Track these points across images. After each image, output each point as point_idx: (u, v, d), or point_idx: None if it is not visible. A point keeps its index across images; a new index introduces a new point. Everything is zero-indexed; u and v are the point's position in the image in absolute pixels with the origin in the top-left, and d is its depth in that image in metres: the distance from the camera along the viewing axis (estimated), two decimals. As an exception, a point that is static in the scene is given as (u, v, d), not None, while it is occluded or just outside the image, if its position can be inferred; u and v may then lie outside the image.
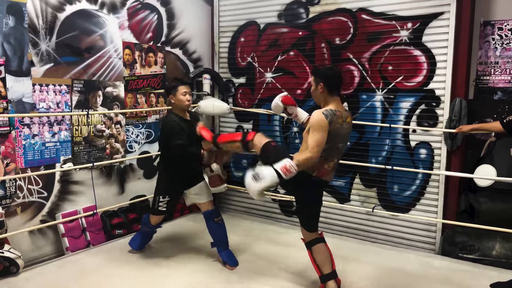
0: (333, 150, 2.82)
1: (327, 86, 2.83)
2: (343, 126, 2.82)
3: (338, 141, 2.82)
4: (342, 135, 2.84)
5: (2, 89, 3.39)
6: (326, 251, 3.07)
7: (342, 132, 2.81)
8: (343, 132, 2.83)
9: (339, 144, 2.85)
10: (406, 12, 4.00)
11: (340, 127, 2.78)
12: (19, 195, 3.58)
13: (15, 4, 3.43)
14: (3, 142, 3.44)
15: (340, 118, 2.78)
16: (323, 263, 3.02)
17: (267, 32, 4.84)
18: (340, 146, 2.88)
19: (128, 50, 4.38)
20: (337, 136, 2.78)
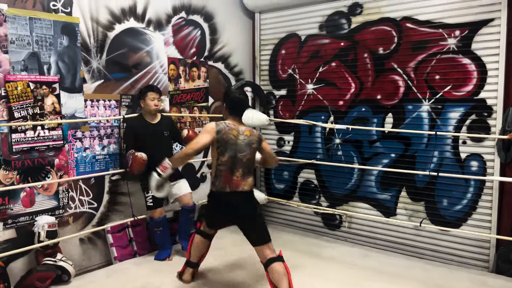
0: (234, 160, 3.11)
1: (228, 107, 3.26)
2: (239, 138, 3.13)
3: (235, 151, 3.11)
4: (239, 146, 3.12)
5: (57, 105, 3.59)
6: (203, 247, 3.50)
7: (235, 142, 3.11)
8: (239, 143, 3.12)
9: (238, 154, 3.11)
10: (453, 19, 3.87)
11: (234, 138, 3.11)
12: (71, 206, 3.75)
13: (69, 25, 3.63)
14: (58, 155, 3.63)
15: (234, 131, 3.12)
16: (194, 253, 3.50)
17: (308, 43, 4.84)
18: (240, 156, 3.12)
19: (173, 65, 4.51)
20: (231, 146, 3.10)
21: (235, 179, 3.12)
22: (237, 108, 3.25)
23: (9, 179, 3.34)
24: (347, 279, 3.67)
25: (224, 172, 3.11)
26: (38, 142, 3.49)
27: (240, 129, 3.17)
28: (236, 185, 3.12)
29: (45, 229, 3.41)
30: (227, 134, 3.10)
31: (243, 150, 3.13)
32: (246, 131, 3.19)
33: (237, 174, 3.12)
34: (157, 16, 4.32)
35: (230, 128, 3.13)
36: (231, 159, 3.11)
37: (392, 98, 4.27)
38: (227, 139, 3.10)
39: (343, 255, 4.22)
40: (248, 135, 3.17)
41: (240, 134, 3.15)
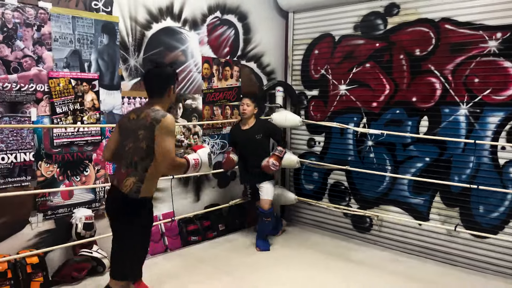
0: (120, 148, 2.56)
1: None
2: (130, 121, 2.52)
3: (123, 137, 2.55)
4: (126, 131, 2.53)
5: (96, 101, 3.70)
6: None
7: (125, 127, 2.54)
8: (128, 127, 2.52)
9: (124, 141, 2.53)
10: (495, 21, 3.75)
11: (126, 122, 2.55)
12: (106, 200, 3.86)
13: (109, 24, 3.74)
14: (95, 150, 3.74)
15: (132, 114, 2.54)
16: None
17: (342, 44, 4.79)
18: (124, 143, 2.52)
19: (207, 64, 4.57)
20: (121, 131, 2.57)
21: (121, 172, 2.50)
22: (144, 82, 2.59)
23: (50, 172, 3.47)
24: (376, 283, 3.62)
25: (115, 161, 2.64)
26: (77, 137, 3.61)
27: (142, 110, 2.50)
28: (119, 180, 2.48)
29: (82, 221, 3.53)
30: (123, 118, 2.61)
31: (127, 136, 2.49)
32: (144, 113, 2.46)
33: (122, 167, 2.51)
34: (193, 15, 4.39)
35: (131, 111, 2.59)
36: (118, 147, 2.57)
37: (428, 100, 4.18)
38: (120, 124, 2.59)
39: (373, 259, 4.17)
40: (141, 117, 2.46)
41: (135, 118, 2.49)
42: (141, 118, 2.43)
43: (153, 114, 2.41)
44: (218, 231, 4.65)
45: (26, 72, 3.28)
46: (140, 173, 2.42)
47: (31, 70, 3.31)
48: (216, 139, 4.77)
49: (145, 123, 2.40)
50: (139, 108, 2.58)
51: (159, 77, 2.52)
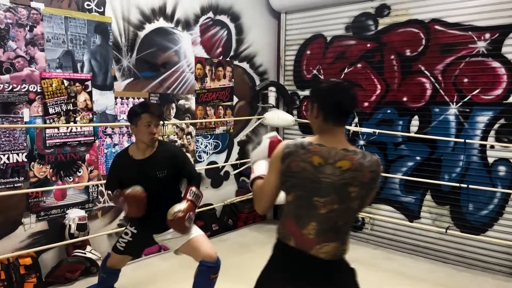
0: (304, 204, 1.75)
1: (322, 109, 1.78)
2: (322, 170, 1.71)
3: (310, 191, 1.72)
4: (320, 185, 1.71)
5: (89, 102, 3.69)
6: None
7: (313, 178, 1.71)
8: (320, 179, 1.71)
9: (314, 198, 1.72)
10: (483, 22, 3.82)
11: (312, 170, 1.71)
12: (100, 200, 3.85)
13: (102, 24, 3.73)
14: (88, 150, 3.74)
15: (315, 157, 1.71)
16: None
17: (334, 44, 4.84)
18: (317, 201, 1.72)
19: (200, 64, 4.58)
20: (303, 182, 1.72)
21: (304, 235, 1.76)
22: (336, 110, 1.77)
23: (42, 173, 3.46)
24: (369, 281, 3.66)
25: (289, 217, 1.80)
26: (70, 137, 3.60)
27: (332, 153, 1.72)
28: (306, 244, 1.76)
29: (75, 222, 3.53)
30: (298, 162, 1.72)
31: (326, 194, 1.72)
32: (345, 160, 1.72)
33: (308, 231, 1.75)
34: (186, 16, 4.40)
35: (308, 151, 1.73)
36: (298, 201, 1.76)
37: (418, 100, 4.24)
38: (298, 171, 1.73)
39: (366, 257, 4.22)
40: (346, 167, 1.71)
41: (327, 163, 1.72)
42: (348, 168, 1.71)
43: (363, 161, 1.72)
44: (211, 231, 4.67)
45: (18, 72, 3.27)
46: (343, 236, 1.80)
47: (24, 70, 3.30)
48: (209, 139, 4.79)
49: (361, 178, 1.71)
50: (321, 148, 1.73)
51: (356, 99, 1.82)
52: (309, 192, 1.74)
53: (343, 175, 1.71)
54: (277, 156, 1.78)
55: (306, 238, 1.77)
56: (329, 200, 1.72)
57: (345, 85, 1.80)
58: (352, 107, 1.80)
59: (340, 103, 1.76)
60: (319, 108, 1.78)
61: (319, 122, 1.79)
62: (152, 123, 2.67)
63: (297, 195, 1.76)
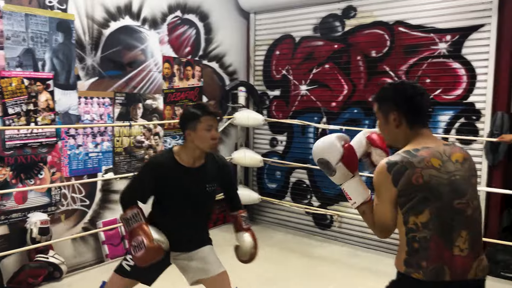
0: (446, 214, 1.53)
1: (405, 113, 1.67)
2: (446, 169, 1.56)
3: (448, 196, 1.54)
4: (454, 183, 1.55)
5: (51, 101, 3.59)
6: None
7: (445, 179, 1.55)
8: (451, 179, 1.56)
9: (455, 201, 1.54)
10: (445, 24, 3.95)
11: (437, 173, 1.55)
12: (63, 203, 3.75)
13: (64, 22, 3.63)
14: (50, 152, 3.63)
15: (434, 160, 1.56)
16: None
17: (302, 45, 4.89)
18: (459, 204, 1.54)
19: (168, 64, 4.53)
20: (435, 191, 1.53)
21: (457, 254, 1.53)
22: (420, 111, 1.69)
23: (1, 175, 3.33)
24: (337, 277, 3.73)
25: (433, 241, 1.53)
26: (31, 138, 3.49)
27: (441, 151, 1.60)
28: (462, 267, 1.54)
29: (37, 226, 3.41)
30: (420, 171, 1.54)
31: (464, 191, 1.56)
32: (456, 153, 1.62)
33: (459, 245, 1.53)
34: (153, 14, 4.34)
35: (421, 157, 1.56)
36: (438, 214, 1.53)
37: (383, 100, 4.32)
38: (426, 181, 1.53)
39: (333, 254, 4.29)
40: (461, 158, 1.61)
41: (445, 160, 1.58)
42: (464, 159, 1.61)
43: (463, 151, 1.66)
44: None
45: (-26, 71, 3.14)
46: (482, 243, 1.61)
47: (-20, 69, 3.17)
48: (178, 140, 4.74)
49: (473, 165, 1.64)
50: (429, 149, 1.59)
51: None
52: (447, 197, 1.53)
53: (464, 167, 1.60)
54: (384, 180, 1.56)
55: (460, 259, 1.52)
56: (470, 197, 1.56)
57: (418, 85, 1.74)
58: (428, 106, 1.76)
59: (422, 104, 1.68)
60: (401, 116, 1.65)
61: (404, 129, 1.66)
62: (213, 127, 2.24)
63: (434, 208, 1.52)
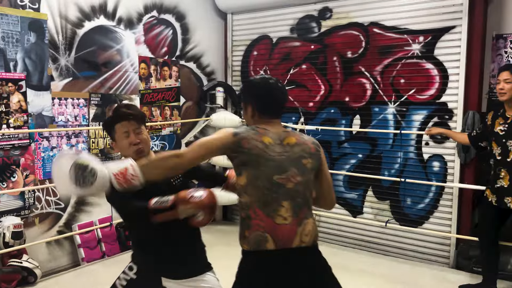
0: (270, 186, 1.69)
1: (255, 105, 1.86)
2: (274, 148, 1.74)
3: (273, 170, 1.71)
4: (279, 162, 1.72)
5: (23, 103, 3.50)
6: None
7: (271, 156, 1.72)
8: (275, 158, 1.72)
9: (275, 176, 1.70)
10: (417, 26, 4.03)
11: (265, 148, 1.72)
12: (37, 206, 3.67)
13: (36, 21, 3.56)
14: (23, 154, 3.54)
15: (265, 137, 1.75)
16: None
17: (280, 45, 4.91)
18: (279, 179, 1.70)
19: (144, 64, 4.48)
20: (264, 162, 1.70)
21: (281, 223, 1.68)
22: (269, 104, 1.86)
23: (-29, 179, 3.24)
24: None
25: (253, 209, 1.69)
26: (3, 140, 3.40)
27: (276, 135, 1.79)
28: (287, 235, 1.68)
29: (10, 230, 3.33)
30: (250, 139, 1.73)
31: (285, 169, 1.73)
32: (289, 137, 1.81)
33: (282, 214, 1.69)
34: (128, 14, 4.29)
35: (258, 132, 1.77)
36: (255, 185, 1.70)
37: (359, 100, 4.40)
38: (250, 147, 1.72)
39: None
40: (292, 143, 1.80)
41: (276, 142, 1.77)
42: (295, 143, 1.79)
43: (303, 136, 1.86)
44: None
45: None
46: (312, 213, 1.79)
47: None
48: (155, 141, 4.70)
49: (308, 149, 1.80)
50: (266, 131, 1.77)
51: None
52: (266, 170, 1.70)
53: (293, 149, 1.78)
54: (228, 131, 1.76)
55: (284, 227, 1.66)
56: (291, 173, 1.73)
57: (274, 81, 1.89)
58: (284, 100, 1.91)
59: (271, 99, 1.85)
60: (254, 108, 1.86)
61: (257, 119, 1.86)
62: (131, 131, 1.94)
63: (250, 174, 1.70)
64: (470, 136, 3.44)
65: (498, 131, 3.16)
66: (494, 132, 3.19)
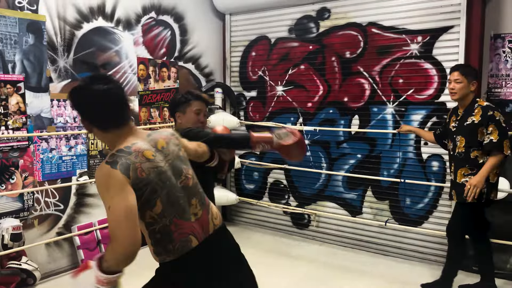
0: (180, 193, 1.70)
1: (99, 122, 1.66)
2: (160, 158, 1.68)
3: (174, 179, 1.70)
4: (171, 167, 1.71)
5: (22, 104, 3.50)
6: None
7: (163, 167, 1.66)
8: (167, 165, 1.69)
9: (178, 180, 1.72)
10: (416, 26, 4.04)
11: (155, 164, 1.64)
12: (36, 208, 3.66)
13: (35, 23, 3.55)
14: (22, 156, 3.54)
15: (146, 152, 1.63)
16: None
17: (278, 46, 4.92)
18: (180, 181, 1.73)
19: (143, 65, 4.48)
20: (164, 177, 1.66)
21: (195, 220, 1.74)
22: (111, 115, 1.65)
23: (-30, 181, 3.23)
24: (314, 277, 3.76)
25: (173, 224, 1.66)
26: (1, 142, 3.40)
27: (146, 142, 1.69)
28: (203, 226, 1.77)
29: (9, 232, 3.32)
30: (141, 166, 1.58)
31: (180, 170, 1.75)
32: (160, 140, 1.74)
33: (194, 211, 1.75)
34: (127, 15, 4.29)
35: (136, 153, 1.60)
36: (169, 201, 1.65)
37: (358, 100, 4.40)
38: (148, 173, 1.60)
39: (311, 254, 4.33)
40: (165, 145, 1.75)
41: (155, 151, 1.68)
42: (166, 143, 1.75)
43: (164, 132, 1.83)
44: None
45: None
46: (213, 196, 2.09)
47: None
48: (154, 142, 4.69)
49: (175, 142, 1.81)
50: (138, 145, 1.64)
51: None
52: (170, 182, 1.67)
53: (170, 149, 1.75)
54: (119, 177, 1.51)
55: (198, 222, 1.74)
56: (185, 172, 1.76)
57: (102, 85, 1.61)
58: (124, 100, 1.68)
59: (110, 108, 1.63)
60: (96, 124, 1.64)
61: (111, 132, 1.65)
62: (202, 112, 2.59)
63: (163, 196, 1.63)
64: (435, 134, 3.58)
65: (451, 127, 3.33)
66: (448, 128, 3.37)
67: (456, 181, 3.24)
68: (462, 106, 3.29)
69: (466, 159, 3.19)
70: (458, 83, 3.21)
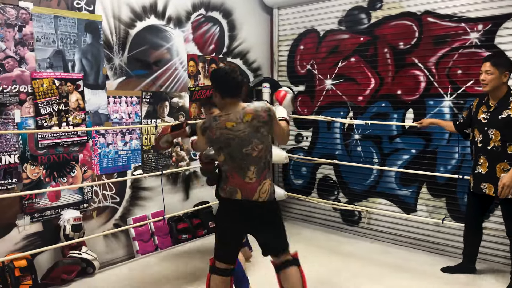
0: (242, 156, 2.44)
1: (218, 91, 2.52)
2: (238, 128, 2.42)
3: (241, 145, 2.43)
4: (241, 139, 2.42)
5: (81, 101, 3.66)
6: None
7: (236, 135, 2.42)
8: (239, 135, 2.42)
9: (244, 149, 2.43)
10: (476, 13, 3.81)
11: (229, 132, 2.42)
12: (95, 200, 3.83)
13: (92, 23, 3.70)
14: (82, 150, 3.71)
15: (227, 123, 2.42)
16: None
17: (327, 39, 4.82)
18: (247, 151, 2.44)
19: (193, 62, 4.55)
20: (232, 142, 2.43)
21: (248, 182, 2.46)
22: (227, 87, 2.49)
23: (35, 174, 3.43)
24: (368, 275, 3.66)
25: (230, 174, 2.50)
26: (63, 137, 3.57)
27: (237, 115, 2.44)
28: (250, 191, 2.47)
29: (70, 223, 3.50)
30: (216, 130, 2.45)
31: (249, 142, 2.43)
32: (247, 114, 2.44)
33: (249, 175, 2.46)
34: (177, 13, 4.36)
35: (219, 121, 2.45)
36: (232, 156, 2.46)
37: (412, 93, 4.23)
38: (219, 136, 2.45)
39: (363, 251, 4.22)
40: (250, 118, 2.43)
41: (238, 123, 2.43)
42: (248, 120, 2.43)
43: (257, 106, 2.46)
44: (208, 228, 4.65)
45: (8, 73, 3.23)
46: (271, 174, 2.54)
47: (14, 71, 3.26)
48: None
49: (261, 118, 2.44)
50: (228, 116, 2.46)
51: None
52: (236, 147, 2.42)
53: (252, 124, 2.43)
54: (198, 131, 2.52)
55: (249, 185, 2.45)
56: (254, 144, 2.43)
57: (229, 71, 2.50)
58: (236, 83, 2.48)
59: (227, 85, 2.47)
60: (217, 92, 2.51)
61: (221, 100, 2.51)
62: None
63: (226, 153, 2.46)
64: (455, 124, 3.58)
65: (481, 119, 3.28)
66: (477, 120, 3.32)
67: (496, 175, 3.19)
68: (494, 98, 3.23)
69: (503, 153, 3.14)
70: (489, 74, 3.16)
